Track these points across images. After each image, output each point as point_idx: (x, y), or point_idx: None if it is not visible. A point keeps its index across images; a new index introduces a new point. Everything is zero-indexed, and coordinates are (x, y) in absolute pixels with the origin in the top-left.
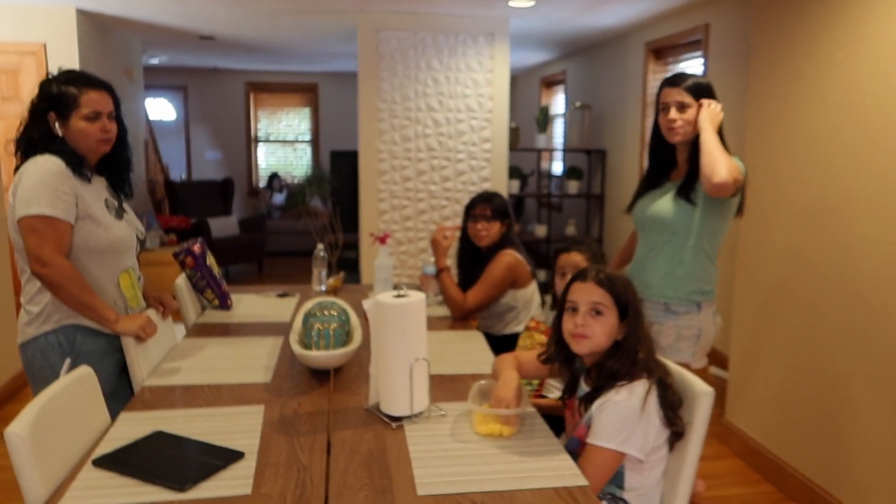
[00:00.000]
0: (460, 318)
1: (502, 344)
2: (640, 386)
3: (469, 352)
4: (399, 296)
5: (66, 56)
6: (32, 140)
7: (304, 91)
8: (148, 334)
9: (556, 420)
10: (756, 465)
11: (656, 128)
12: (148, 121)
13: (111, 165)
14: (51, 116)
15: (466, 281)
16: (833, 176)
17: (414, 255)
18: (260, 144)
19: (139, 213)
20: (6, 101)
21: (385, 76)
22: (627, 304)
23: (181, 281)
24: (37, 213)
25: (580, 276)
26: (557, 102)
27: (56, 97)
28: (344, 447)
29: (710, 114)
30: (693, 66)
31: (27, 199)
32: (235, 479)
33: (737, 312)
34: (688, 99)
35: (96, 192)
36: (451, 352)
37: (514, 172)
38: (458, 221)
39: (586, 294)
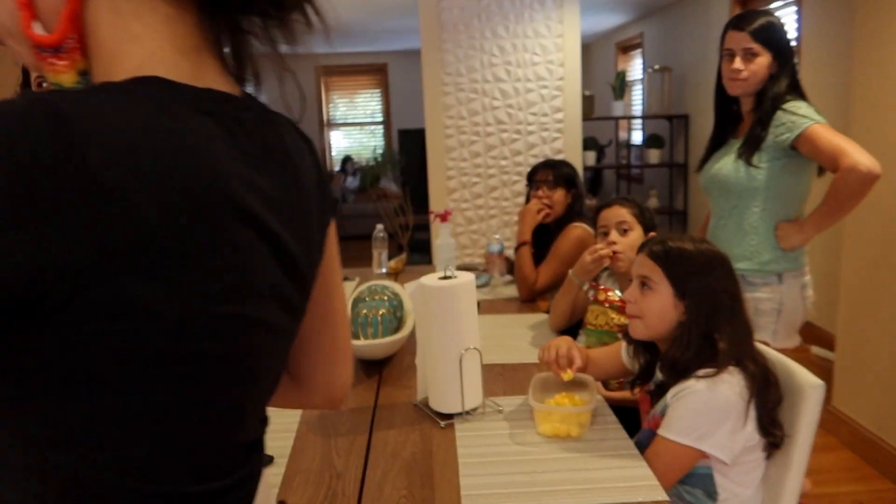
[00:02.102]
0: (528, 299)
1: (574, 330)
2: (729, 378)
3: (536, 338)
4: (445, 277)
5: None
6: None
7: (374, 72)
8: None
9: (627, 413)
10: (870, 459)
11: (719, 77)
12: None
13: None
14: None
15: (534, 258)
16: None
17: (485, 233)
18: (332, 128)
19: None
20: None
21: (449, 48)
22: (686, 280)
23: None
24: None
25: (642, 247)
26: (634, 68)
27: None
28: (385, 450)
29: (789, 241)
30: (785, 15)
31: None
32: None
33: (844, 284)
34: (756, 46)
35: None
36: (514, 337)
37: (590, 143)
38: (535, 199)
39: (637, 266)
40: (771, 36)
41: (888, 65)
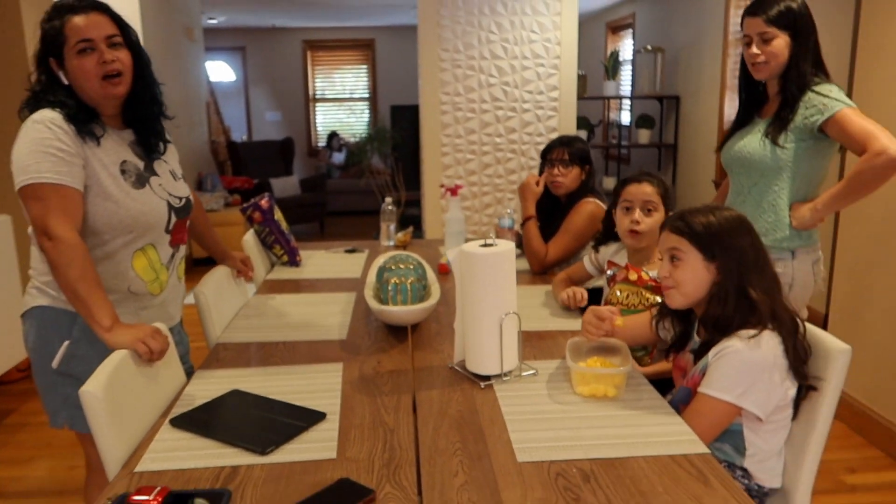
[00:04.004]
0: (539, 272)
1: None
2: (769, 339)
3: (553, 307)
4: (486, 244)
5: (127, 15)
6: (36, 94)
7: (361, 48)
8: (150, 350)
9: (658, 385)
10: (860, 428)
11: (745, 60)
12: (209, 82)
13: (136, 112)
14: (52, 63)
15: (543, 232)
16: None
17: (479, 210)
18: (318, 103)
19: (204, 175)
20: None
21: (447, 24)
22: (712, 244)
23: (249, 237)
24: (36, 181)
25: (663, 226)
26: (625, 48)
27: (46, 37)
28: (431, 408)
29: (802, 220)
30: None
31: (24, 164)
32: (319, 442)
33: (839, 260)
34: (771, 30)
35: (110, 153)
36: (533, 307)
37: (582, 123)
38: (530, 174)
39: (663, 243)
40: (785, 17)
41: (893, 34)
